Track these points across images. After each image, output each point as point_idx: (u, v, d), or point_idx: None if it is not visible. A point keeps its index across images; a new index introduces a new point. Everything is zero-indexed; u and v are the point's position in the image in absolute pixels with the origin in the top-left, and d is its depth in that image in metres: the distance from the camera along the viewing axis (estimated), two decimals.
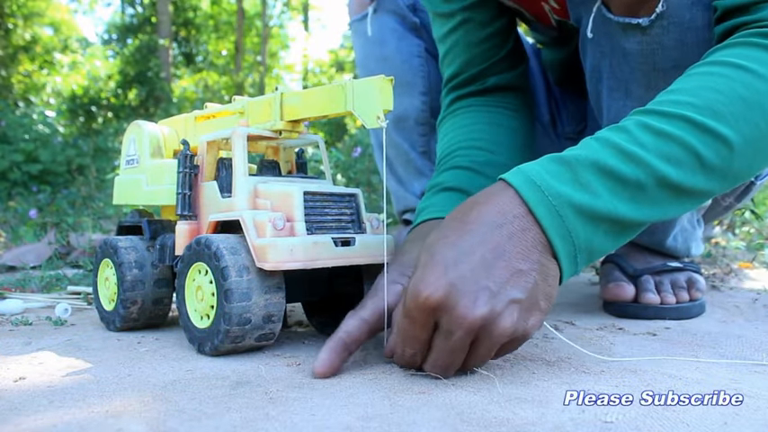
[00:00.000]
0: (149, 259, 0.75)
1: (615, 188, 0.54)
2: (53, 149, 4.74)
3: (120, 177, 0.83)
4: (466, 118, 0.91)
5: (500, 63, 0.93)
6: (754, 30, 0.60)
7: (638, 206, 0.54)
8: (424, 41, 1.12)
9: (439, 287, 0.50)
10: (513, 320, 0.51)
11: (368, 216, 0.69)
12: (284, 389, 0.52)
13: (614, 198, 0.53)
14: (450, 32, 0.93)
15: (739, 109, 0.56)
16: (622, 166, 0.53)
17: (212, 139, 0.70)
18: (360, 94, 0.61)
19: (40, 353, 0.66)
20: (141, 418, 0.45)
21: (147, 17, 10.78)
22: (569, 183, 0.53)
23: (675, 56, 0.70)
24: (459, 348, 0.52)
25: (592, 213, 0.53)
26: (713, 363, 0.61)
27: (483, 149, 0.85)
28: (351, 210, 0.68)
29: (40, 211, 3.08)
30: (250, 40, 13.09)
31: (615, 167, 0.53)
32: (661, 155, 0.54)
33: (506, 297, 0.51)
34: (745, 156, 0.57)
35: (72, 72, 11.53)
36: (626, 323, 0.82)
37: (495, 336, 0.51)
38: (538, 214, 0.52)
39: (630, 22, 0.70)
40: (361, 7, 1.15)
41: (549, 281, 0.53)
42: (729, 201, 0.96)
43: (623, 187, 0.54)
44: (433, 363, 0.54)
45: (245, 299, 0.59)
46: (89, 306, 0.96)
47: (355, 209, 0.68)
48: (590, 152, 0.54)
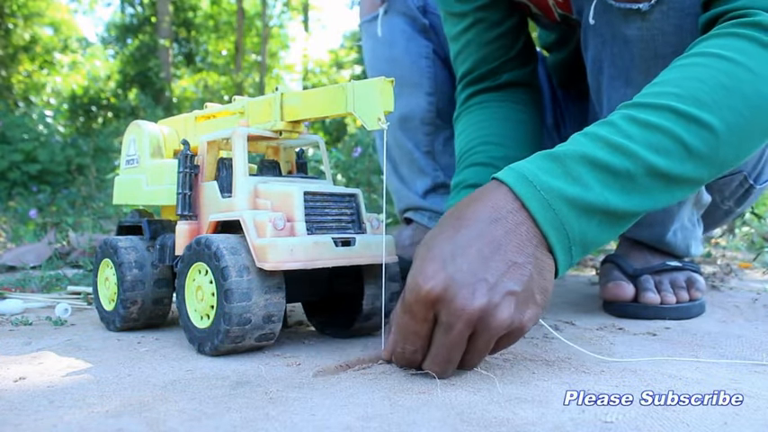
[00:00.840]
0: (149, 259, 0.75)
1: (606, 179, 0.55)
2: (53, 149, 4.74)
3: (120, 177, 0.83)
4: (481, 114, 0.95)
5: (512, 61, 0.97)
6: (735, 21, 0.63)
7: (629, 196, 0.56)
8: (433, 43, 1.13)
9: (438, 280, 0.51)
10: (510, 312, 0.51)
11: (368, 216, 0.69)
12: (284, 389, 0.52)
13: (605, 189, 0.55)
14: (464, 32, 0.96)
15: (722, 97, 0.58)
16: (611, 157, 0.55)
17: (212, 139, 0.70)
18: (360, 96, 0.61)
19: (40, 353, 0.66)
20: (141, 418, 0.45)
21: (146, 17, 10.77)
22: (560, 177, 0.54)
23: (675, 41, 0.72)
24: (458, 342, 0.52)
25: (584, 205, 0.54)
26: (713, 363, 0.61)
27: (499, 144, 0.90)
28: (351, 210, 0.68)
29: (40, 211, 3.08)
30: (250, 40, 13.09)
31: (604, 159, 0.55)
32: (649, 145, 0.56)
33: (503, 289, 0.51)
34: (731, 142, 0.58)
35: (72, 72, 11.54)
36: (626, 323, 0.82)
37: (493, 327, 0.51)
38: (531, 208, 0.53)
39: (631, 8, 0.72)
40: (372, 8, 1.17)
41: (545, 274, 0.54)
42: (729, 205, 0.96)
43: (614, 178, 0.55)
44: (432, 359, 0.54)
45: (245, 299, 0.59)
46: (89, 306, 0.96)
47: (355, 209, 0.68)
48: (579, 146, 0.56)
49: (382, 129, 0.59)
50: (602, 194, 0.54)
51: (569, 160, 0.55)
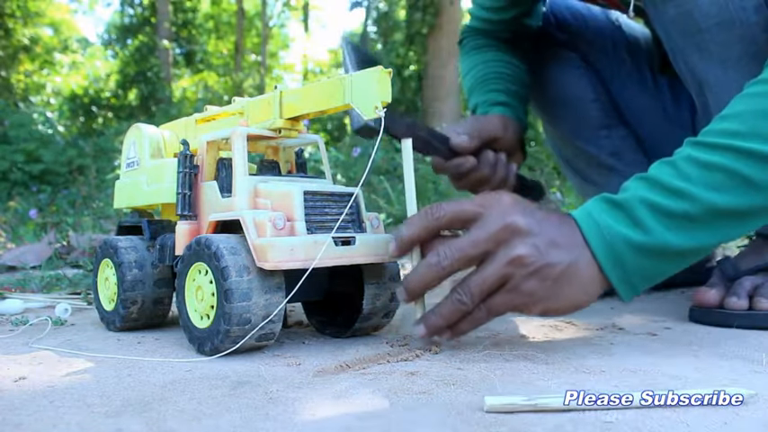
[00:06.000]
0: (149, 259, 0.75)
1: (666, 222, 0.60)
2: (55, 149, 4.74)
3: (121, 181, 0.83)
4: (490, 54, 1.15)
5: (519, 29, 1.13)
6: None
7: (691, 234, 0.60)
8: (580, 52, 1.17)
9: (527, 223, 0.60)
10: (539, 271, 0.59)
11: (368, 215, 0.69)
12: (284, 389, 0.52)
13: (666, 231, 0.60)
14: (500, 11, 1.10)
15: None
16: (670, 201, 0.60)
17: (212, 139, 0.70)
18: (358, 87, 0.61)
19: (40, 353, 0.66)
20: (141, 418, 0.45)
21: (146, 18, 10.77)
22: (622, 220, 0.61)
23: (714, 12, 0.72)
24: (496, 276, 0.59)
25: (642, 246, 0.60)
26: (713, 363, 0.61)
27: (506, 79, 1.09)
28: (351, 209, 0.68)
29: (41, 211, 3.09)
30: (250, 41, 13.09)
31: (663, 203, 0.60)
32: (707, 185, 0.59)
33: (548, 257, 0.59)
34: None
35: (72, 72, 11.54)
36: (626, 323, 0.82)
37: (529, 268, 0.59)
38: (591, 243, 0.61)
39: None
40: None
41: (573, 281, 0.60)
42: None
43: (673, 220, 0.60)
44: (467, 285, 0.60)
45: (245, 299, 0.59)
46: (89, 306, 0.96)
47: (355, 208, 0.68)
48: (639, 191, 0.61)
49: (379, 117, 0.59)
50: (663, 236, 0.59)
51: (630, 205, 0.60)
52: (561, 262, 0.59)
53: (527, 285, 0.59)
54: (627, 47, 1.16)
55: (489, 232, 0.60)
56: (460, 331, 0.63)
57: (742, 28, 0.71)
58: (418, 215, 0.63)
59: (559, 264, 0.59)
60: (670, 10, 0.76)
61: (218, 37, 12.72)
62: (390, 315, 0.72)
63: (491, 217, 0.60)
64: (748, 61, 0.72)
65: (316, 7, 16.67)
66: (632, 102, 1.16)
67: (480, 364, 0.59)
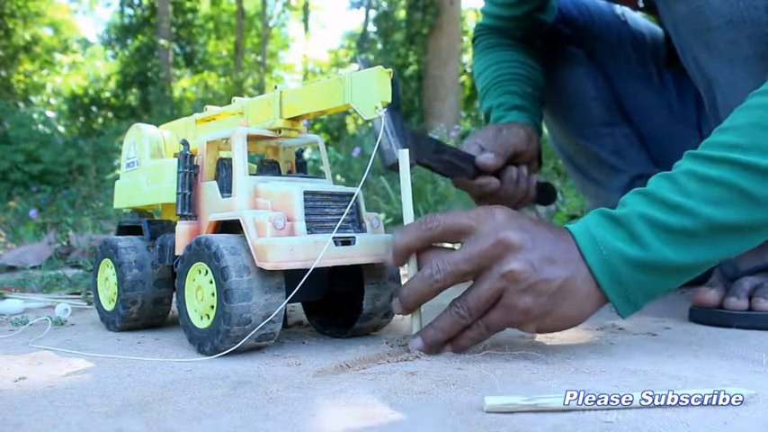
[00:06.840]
0: (149, 259, 0.75)
1: (664, 237, 0.59)
2: (55, 149, 4.74)
3: (120, 181, 0.83)
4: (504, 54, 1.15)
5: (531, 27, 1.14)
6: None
7: (689, 250, 0.59)
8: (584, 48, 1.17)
9: (521, 238, 0.59)
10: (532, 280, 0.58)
11: (368, 215, 0.69)
12: (284, 389, 0.52)
13: (664, 246, 0.58)
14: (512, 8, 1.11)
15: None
16: (669, 216, 0.59)
17: (212, 139, 0.70)
18: (358, 87, 0.61)
19: (40, 353, 0.66)
20: (141, 418, 0.45)
21: (146, 18, 10.77)
22: (620, 236, 0.60)
23: (725, 10, 0.72)
24: (491, 291, 0.59)
25: (639, 262, 0.59)
26: (713, 363, 0.61)
27: (519, 80, 1.09)
28: (351, 209, 0.68)
29: (40, 211, 3.09)
30: (250, 41, 13.09)
31: (662, 219, 0.59)
32: (707, 200, 0.58)
33: (543, 274, 0.58)
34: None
35: (72, 72, 11.54)
36: (626, 323, 0.82)
37: (522, 283, 0.58)
38: (589, 260, 0.60)
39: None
40: None
41: (570, 297, 0.59)
42: None
43: (672, 236, 0.59)
44: (464, 299, 0.60)
45: (245, 299, 0.59)
46: (89, 306, 0.96)
47: (355, 208, 0.68)
48: (638, 206, 0.60)
49: (379, 116, 0.59)
50: (661, 252, 0.58)
51: (629, 220, 0.60)
52: (557, 278, 0.59)
53: (522, 301, 0.59)
54: (632, 42, 1.16)
55: (482, 247, 0.59)
56: (461, 348, 0.63)
57: (752, 27, 0.71)
58: (413, 224, 0.63)
59: (555, 280, 0.59)
60: (681, 7, 0.76)
61: (218, 37, 12.72)
62: (390, 315, 0.73)
63: (484, 232, 0.60)
64: (757, 60, 0.72)
65: (316, 7, 16.67)
66: (637, 98, 1.16)
67: (480, 364, 0.59)
